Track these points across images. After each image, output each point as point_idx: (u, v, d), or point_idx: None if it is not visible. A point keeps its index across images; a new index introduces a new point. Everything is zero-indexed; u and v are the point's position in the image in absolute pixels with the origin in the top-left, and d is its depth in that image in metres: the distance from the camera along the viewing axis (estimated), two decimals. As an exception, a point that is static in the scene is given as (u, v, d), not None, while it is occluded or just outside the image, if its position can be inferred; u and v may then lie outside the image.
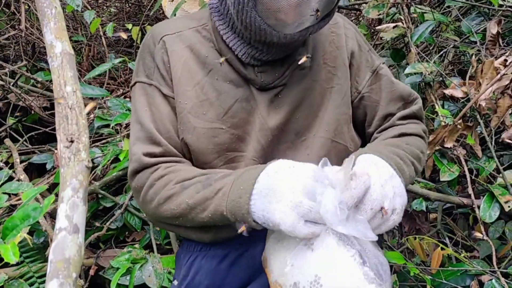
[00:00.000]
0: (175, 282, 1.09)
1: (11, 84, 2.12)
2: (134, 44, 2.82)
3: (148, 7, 2.97)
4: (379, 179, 0.79)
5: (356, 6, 2.30)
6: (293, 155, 1.02)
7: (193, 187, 0.89)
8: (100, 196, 1.79)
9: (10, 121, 2.20)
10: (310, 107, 1.03)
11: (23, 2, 2.00)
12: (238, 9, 0.87)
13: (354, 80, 1.08)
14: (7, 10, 2.42)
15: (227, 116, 0.99)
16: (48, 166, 1.94)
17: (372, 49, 1.13)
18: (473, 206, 1.46)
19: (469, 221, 1.89)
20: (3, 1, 2.28)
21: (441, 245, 1.48)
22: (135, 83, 1.05)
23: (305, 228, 0.73)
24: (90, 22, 2.26)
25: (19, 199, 1.38)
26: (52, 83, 0.99)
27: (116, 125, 1.90)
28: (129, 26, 2.40)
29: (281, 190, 0.75)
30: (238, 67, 0.99)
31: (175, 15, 1.86)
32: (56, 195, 0.93)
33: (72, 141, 0.88)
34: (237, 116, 0.99)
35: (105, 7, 4.04)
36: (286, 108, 1.01)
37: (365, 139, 1.13)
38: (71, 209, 0.86)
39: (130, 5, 3.68)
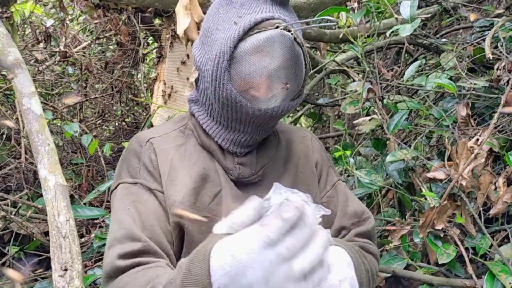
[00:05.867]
0: None
1: (13, 213, 2.18)
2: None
3: (143, 124, 3.13)
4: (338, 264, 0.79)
5: (336, 103, 2.45)
6: None
7: None
8: (102, 318, 1.75)
9: (13, 250, 2.22)
10: None
11: (22, 136, 2.13)
12: (216, 85, 0.94)
13: (318, 189, 1.14)
14: (9, 143, 2.57)
15: (212, 204, 1.01)
16: (50, 293, 1.92)
17: (332, 166, 1.21)
18: (477, 286, 1.44)
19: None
20: (4, 135, 2.43)
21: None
22: (117, 186, 1.04)
23: None
24: (88, 145, 2.38)
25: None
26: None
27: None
28: (126, 144, 2.52)
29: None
30: (219, 157, 1.04)
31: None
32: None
33: (66, 269, 0.92)
34: (221, 204, 1.01)
35: (104, 127, 4.24)
36: None
37: None
38: None
39: (126, 123, 3.89)
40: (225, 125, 1.03)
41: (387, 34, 1.56)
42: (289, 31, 0.94)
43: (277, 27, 0.93)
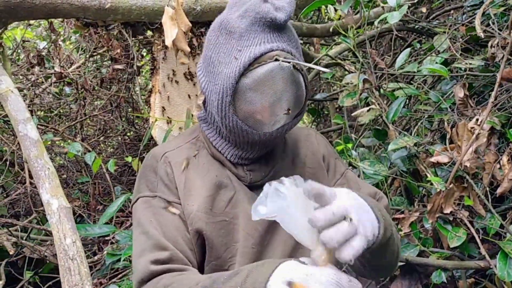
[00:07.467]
0: None
1: (24, 238, 2.19)
2: (136, 173, 2.93)
3: (144, 137, 3.13)
4: (354, 205, 0.77)
5: (335, 96, 2.44)
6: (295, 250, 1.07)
7: None
8: (121, 334, 1.76)
9: (27, 275, 2.23)
10: None
11: (25, 161, 2.14)
12: (222, 116, 1.00)
13: (328, 180, 1.19)
14: (12, 169, 2.58)
15: (228, 207, 1.07)
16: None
17: (339, 157, 1.27)
18: (491, 267, 1.43)
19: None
20: (8, 162, 2.45)
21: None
22: (137, 199, 1.10)
23: None
24: (92, 164, 2.38)
25: None
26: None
27: (129, 256, 1.92)
28: (129, 158, 2.52)
29: None
30: (230, 167, 1.10)
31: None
32: None
33: (76, 291, 0.92)
34: (237, 206, 1.07)
35: (107, 143, 4.25)
36: None
37: None
38: None
39: (129, 137, 3.89)
40: (233, 144, 1.09)
41: (376, 23, 1.56)
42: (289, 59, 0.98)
43: (276, 59, 0.95)
